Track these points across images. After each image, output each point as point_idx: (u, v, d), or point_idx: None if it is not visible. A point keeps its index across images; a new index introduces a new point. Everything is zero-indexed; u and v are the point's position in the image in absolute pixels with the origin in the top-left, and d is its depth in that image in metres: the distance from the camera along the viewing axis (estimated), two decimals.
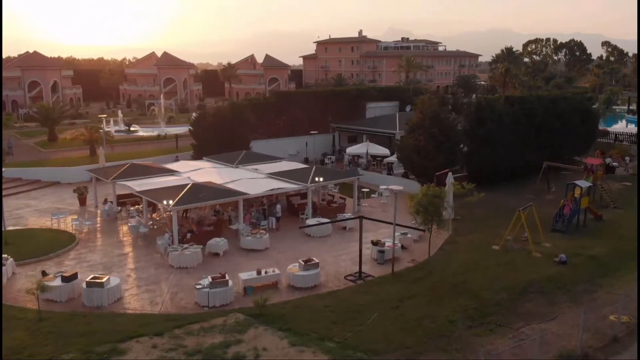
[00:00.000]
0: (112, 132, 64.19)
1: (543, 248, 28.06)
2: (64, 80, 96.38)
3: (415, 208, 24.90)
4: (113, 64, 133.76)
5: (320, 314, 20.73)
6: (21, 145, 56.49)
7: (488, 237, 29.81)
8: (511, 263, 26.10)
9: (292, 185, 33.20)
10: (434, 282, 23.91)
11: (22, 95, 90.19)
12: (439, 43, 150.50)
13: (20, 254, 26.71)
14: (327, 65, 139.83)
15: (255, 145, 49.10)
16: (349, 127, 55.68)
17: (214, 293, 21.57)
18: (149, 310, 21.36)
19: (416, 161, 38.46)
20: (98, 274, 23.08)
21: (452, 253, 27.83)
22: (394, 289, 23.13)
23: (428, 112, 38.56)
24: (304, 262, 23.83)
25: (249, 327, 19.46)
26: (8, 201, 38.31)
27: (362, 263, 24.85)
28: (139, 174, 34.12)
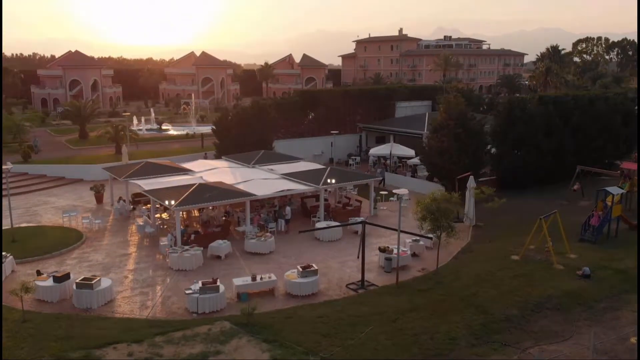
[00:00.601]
0: (143, 130, 65.01)
1: (567, 260, 25.91)
2: (104, 79, 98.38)
3: (422, 214, 23.30)
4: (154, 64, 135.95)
5: (312, 325, 19.50)
6: (54, 143, 57.64)
7: (509, 246, 27.82)
8: (529, 275, 24.13)
9: (303, 186, 32.06)
10: (440, 294, 22.28)
11: (63, 94, 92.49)
12: (483, 41, 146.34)
13: (24, 252, 26.66)
14: (366, 64, 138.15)
15: (279, 145, 48.26)
16: (376, 127, 54.07)
17: (204, 299, 20.67)
18: (137, 314, 20.66)
19: (439, 164, 36.61)
20: (92, 274, 22.57)
21: (466, 263, 26.07)
22: (395, 301, 21.65)
23: (453, 112, 36.65)
24: (302, 269, 22.66)
25: (233, 337, 18.43)
26: (28, 197, 38.85)
27: (365, 271, 23.46)
28: (152, 173, 33.75)
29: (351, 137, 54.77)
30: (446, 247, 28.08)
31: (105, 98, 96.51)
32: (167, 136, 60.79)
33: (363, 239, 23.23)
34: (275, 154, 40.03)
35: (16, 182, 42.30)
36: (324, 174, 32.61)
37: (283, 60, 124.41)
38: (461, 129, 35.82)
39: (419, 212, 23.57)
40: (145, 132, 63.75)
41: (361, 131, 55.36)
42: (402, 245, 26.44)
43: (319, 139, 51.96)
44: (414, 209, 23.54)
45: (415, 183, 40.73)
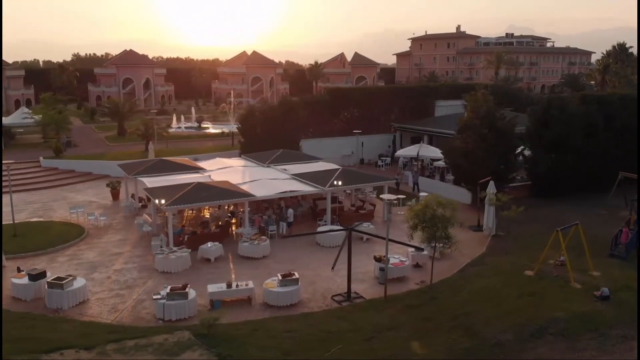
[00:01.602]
0: (182, 128, 65.47)
1: (588, 278, 22.97)
2: (157, 78, 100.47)
3: (413, 222, 21.12)
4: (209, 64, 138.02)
5: (278, 340, 17.94)
6: (94, 139, 58.86)
7: (526, 259, 25.10)
8: (539, 294, 21.48)
9: (310, 187, 30.47)
10: (431, 311, 20.14)
11: (116, 92, 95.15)
12: (547, 39, 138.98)
13: (21, 247, 26.61)
14: (421, 62, 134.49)
15: (306, 145, 46.82)
16: (411, 126, 51.53)
17: (170, 305, 19.54)
18: (104, 318, 19.80)
19: (463, 166, 33.97)
20: (68, 274, 21.84)
21: (471, 276, 23.66)
22: (378, 316, 19.72)
23: (481, 111, 33.92)
24: (282, 277, 21.12)
25: (187, 349, 17.16)
26: (51, 192, 39.38)
27: (357, 282, 21.97)
28: (162, 170, 33.15)
29: (384, 137, 52.59)
30: (454, 259, 25.85)
31: (157, 96, 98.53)
32: (202, 134, 60.76)
33: (349, 248, 21.40)
34: (293, 153, 38.60)
35: (44, 176, 43.27)
36: (334, 175, 30.88)
37: (334, 60, 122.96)
38: (488, 128, 33.06)
39: (410, 220, 21.40)
40: (184, 130, 64.20)
41: (395, 131, 53.01)
42: (401, 255, 24.48)
43: (349, 139, 50.07)
44: (406, 215, 21.47)
45: (444, 187, 38.11)
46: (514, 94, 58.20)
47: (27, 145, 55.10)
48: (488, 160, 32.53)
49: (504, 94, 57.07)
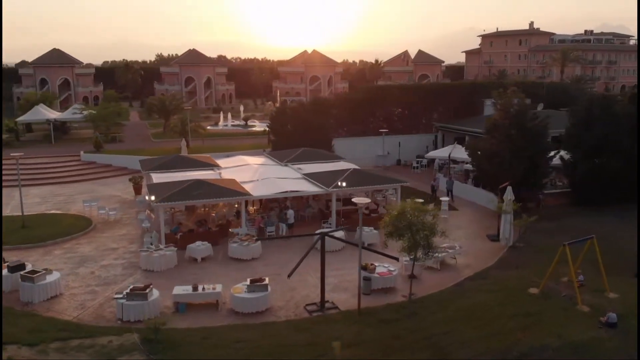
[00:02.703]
0: (228, 125, 65.88)
1: (601, 300, 20.09)
2: (218, 77, 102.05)
3: (388, 229, 19.18)
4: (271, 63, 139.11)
5: (224, 350, 16.79)
6: (142, 135, 60.30)
7: (536, 275, 22.39)
8: (536, 315, 18.96)
9: (315, 188, 29.10)
10: (405, 328, 18.24)
11: (179, 90, 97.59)
12: (630, 36, 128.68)
13: (23, 239, 27.13)
14: (491, 60, 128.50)
15: (338, 144, 45.36)
16: (453, 126, 48.66)
17: (129, 306, 18.89)
18: (67, 314, 19.46)
19: (487, 169, 31.31)
20: (45, 268, 21.73)
21: (466, 291, 21.40)
22: (344, 330, 18.07)
23: (511, 110, 31.11)
24: (250, 282, 19.94)
25: (126, 353, 16.39)
26: (81, 185, 40.38)
27: (340, 291, 20.56)
28: (174, 167, 32.96)
29: (425, 137, 50.07)
30: (456, 270, 23.69)
31: (217, 95, 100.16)
32: (244, 132, 60.70)
33: (323, 254, 19.87)
34: (315, 151, 37.24)
35: (80, 170, 44.57)
36: (342, 176, 29.31)
37: (397, 58, 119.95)
38: (516, 129, 30.21)
39: (386, 227, 19.46)
40: (229, 128, 64.59)
41: (437, 131, 50.35)
42: (393, 264, 22.53)
43: (385, 139, 47.99)
44: (384, 221, 19.61)
45: (476, 193, 35.30)
46: (573, 93, 53.70)
47: (78, 139, 57.21)
48: (515, 163, 29.72)
49: (563, 94, 52.98)
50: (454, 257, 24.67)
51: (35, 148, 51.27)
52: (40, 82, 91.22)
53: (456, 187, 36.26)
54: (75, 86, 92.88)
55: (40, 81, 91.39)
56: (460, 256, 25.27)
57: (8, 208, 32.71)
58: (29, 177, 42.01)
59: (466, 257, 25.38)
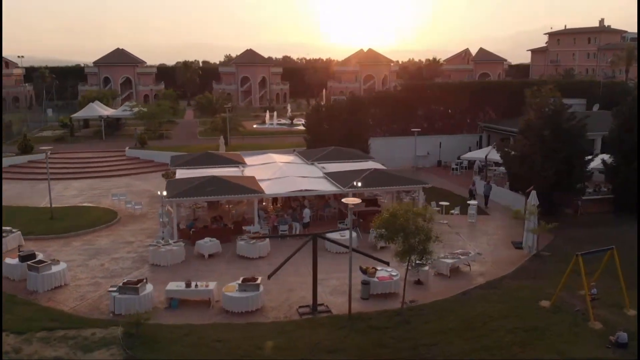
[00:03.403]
0: (274, 124, 66.18)
1: (619, 317, 18.32)
2: (273, 77, 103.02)
3: (378, 232, 18.17)
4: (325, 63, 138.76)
5: (202, 349, 16.53)
6: (190, 133, 61.57)
7: (553, 286, 20.70)
8: (540, 330, 17.50)
9: (332, 187, 28.46)
10: (393, 337, 17.31)
11: (235, 89, 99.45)
12: None
13: (47, 230, 28.16)
14: (558, 59, 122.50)
15: (375, 143, 44.40)
16: (499, 126, 46.42)
17: (121, 299, 19.05)
18: (65, 305, 19.83)
19: (518, 172, 29.51)
20: (53, 259, 22.38)
21: (471, 300, 20.11)
22: (327, 335, 17.39)
23: (545, 110, 29.17)
24: (242, 281, 19.62)
25: (104, 347, 16.46)
26: (120, 180, 41.65)
27: (338, 294, 19.58)
28: (201, 163, 33.21)
29: (468, 137, 48.06)
30: (468, 278, 22.42)
31: (272, 94, 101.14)
32: (287, 130, 60.71)
33: (315, 256, 19.25)
34: (344, 150, 36.51)
35: (123, 165, 46.02)
36: (361, 176, 28.50)
37: (457, 56, 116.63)
38: (550, 130, 28.27)
39: (377, 229, 18.47)
40: (275, 126, 64.89)
41: (482, 131, 48.26)
42: (395, 268, 21.53)
43: (426, 138, 46.51)
44: (375, 222, 18.62)
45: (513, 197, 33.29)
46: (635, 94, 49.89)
47: (129, 135, 59.04)
48: (546, 166, 27.83)
49: (623, 94, 49.51)
50: (468, 263, 23.33)
51: (86, 143, 53.56)
52: (103, 81, 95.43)
53: (494, 191, 34.33)
54: (136, 85, 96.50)
55: (104, 80, 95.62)
56: (478, 263, 23.92)
57: (44, 200, 34.10)
58: (73, 171, 43.93)
59: (483, 264, 23.97)
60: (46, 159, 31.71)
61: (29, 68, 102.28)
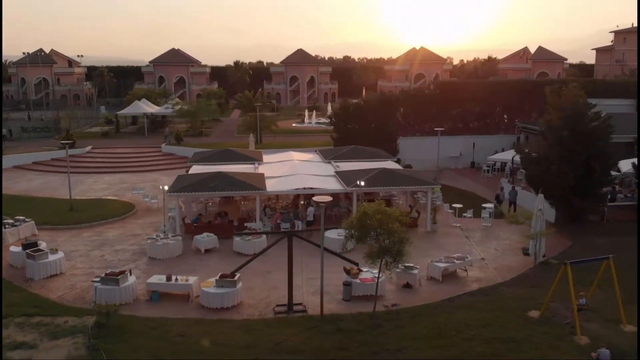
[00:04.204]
0: (312, 123, 66.21)
1: (610, 331, 16.88)
2: (322, 76, 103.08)
3: (347, 232, 17.48)
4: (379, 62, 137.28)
5: (163, 343, 16.56)
6: (229, 131, 62.60)
7: (550, 296, 19.39)
8: (519, 342, 16.38)
9: (337, 186, 27.97)
10: (359, 340, 16.69)
11: (284, 89, 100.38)
12: None
13: (63, 220, 29.24)
14: (624, 58, 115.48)
15: (404, 143, 43.55)
16: (536, 127, 44.08)
17: (102, 290, 19.43)
18: (52, 293, 20.40)
19: (535, 174, 27.92)
20: (54, 247, 23.24)
21: (455, 307, 19.12)
22: (290, 336, 16.99)
23: (566, 109, 27.43)
24: (220, 277, 19.56)
25: (70, 335, 16.80)
26: (150, 174, 42.80)
27: (292, 292, 19.08)
28: (218, 160, 33.59)
29: (505, 138, 46.04)
30: (462, 284, 21.45)
31: (320, 93, 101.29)
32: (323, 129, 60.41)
33: (290, 254, 18.89)
34: (364, 149, 35.82)
35: (158, 160, 47.35)
36: (367, 175, 27.89)
37: (515, 54, 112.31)
38: (568, 131, 26.56)
39: (347, 229, 17.81)
40: (313, 125, 64.94)
41: (520, 132, 46.12)
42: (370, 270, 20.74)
43: (459, 139, 45.14)
44: (347, 222, 17.94)
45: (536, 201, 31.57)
46: None
47: (172, 132, 60.75)
48: (565, 169, 26.17)
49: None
50: (465, 268, 22.25)
51: (128, 139, 55.51)
52: (158, 80, 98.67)
53: (521, 196, 32.34)
54: (189, 84, 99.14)
55: (159, 78, 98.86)
56: (478, 269, 22.80)
57: (73, 192, 35.50)
58: (109, 165, 45.61)
59: (484, 270, 22.82)
60: (66, 155, 33.21)
61: (91, 67, 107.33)
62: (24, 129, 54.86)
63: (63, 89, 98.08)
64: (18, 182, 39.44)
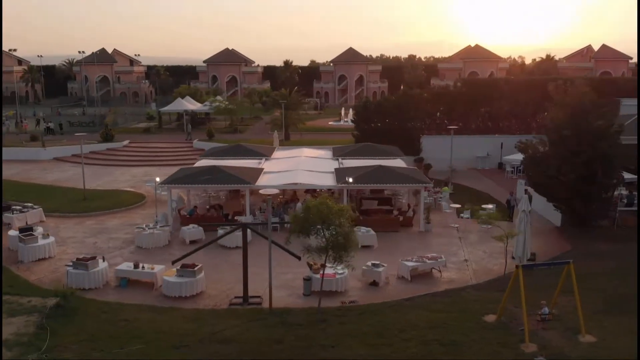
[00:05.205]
0: (348, 121, 65.86)
1: (564, 342, 15.80)
2: (372, 75, 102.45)
3: (295, 227, 17.22)
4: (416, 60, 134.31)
5: (104, 325, 17.02)
6: (265, 128, 63.46)
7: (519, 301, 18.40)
8: (457, 346, 15.64)
9: (329, 182, 27.83)
10: (295, 334, 16.50)
11: (332, 87, 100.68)
12: None
13: (73, 209, 30.77)
14: None
15: (428, 142, 42.64)
16: None
17: (72, 274, 20.32)
18: (33, 275, 21.43)
19: (535, 175, 26.53)
20: (42, 233, 24.41)
21: (412, 307, 18.52)
22: (232, 326, 17.08)
23: (570, 107, 25.89)
24: (181, 267, 19.93)
25: (27, 314, 17.65)
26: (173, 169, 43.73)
27: (247, 284, 19.12)
28: (228, 154, 34.40)
29: (537, 138, 43.81)
30: (432, 284, 20.78)
31: (369, 92, 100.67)
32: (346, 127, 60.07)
33: (245, 246, 18.98)
34: (374, 147, 35.36)
35: (187, 155, 48.64)
36: (362, 172, 27.56)
37: (578, 53, 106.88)
38: (571, 129, 25.06)
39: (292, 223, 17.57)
40: (350, 124, 64.54)
41: None
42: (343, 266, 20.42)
43: (487, 138, 43.61)
44: (292, 215, 17.67)
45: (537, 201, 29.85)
46: None
47: (215, 128, 62.09)
48: (565, 170, 24.71)
49: None
50: (439, 269, 21.51)
51: (167, 135, 57.59)
52: (212, 79, 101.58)
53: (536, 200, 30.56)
54: (241, 83, 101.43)
55: (212, 77, 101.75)
56: (456, 270, 22.05)
57: (95, 182, 37.32)
58: (141, 158, 47.51)
59: (462, 272, 22.00)
60: (81, 146, 34.53)
61: (151, 67, 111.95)
62: (71, 124, 58.06)
63: (122, 87, 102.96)
64: (51, 173, 41.88)
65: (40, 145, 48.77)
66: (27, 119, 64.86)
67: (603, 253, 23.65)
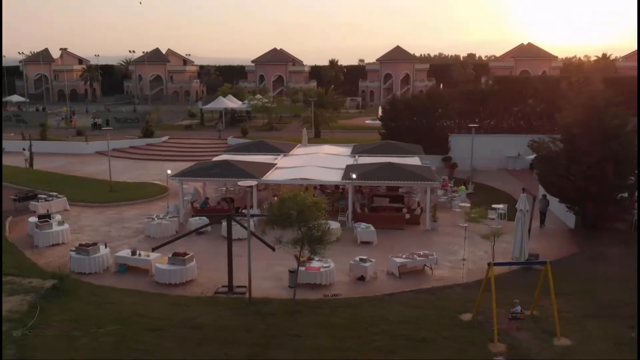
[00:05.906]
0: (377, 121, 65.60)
1: (536, 343, 15.33)
2: (418, 74, 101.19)
3: (268, 219, 17.44)
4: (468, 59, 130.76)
5: (87, 307, 17.88)
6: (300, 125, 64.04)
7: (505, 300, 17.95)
8: (424, 342, 15.48)
9: (334, 179, 27.95)
10: (268, 323, 16.81)
11: (378, 86, 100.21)
12: None
13: (98, 199, 32.27)
14: None
15: (456, 141, 41.96)
16: None
17: (74, 259, 21.45)
18: (43, 259, 22.59)
19: (544, 174, 25.63)
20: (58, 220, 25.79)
21: (388, 302, 18.41)
22: (208, 313, 17.60)
23: (582, 106, 24.87)
24: (172, 255, 20.64)
25: (24, 293, 18.76)
26: None
27: (232, 274, 19.58)
28: (250, 150, 35.05)
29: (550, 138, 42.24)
30: (419, 280, 20.58)
31: (415, 90, 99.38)
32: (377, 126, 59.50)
33: (229, 237, 19.45)
34: (394, 144, 35.12)
35: (220, 151, 49.74)
36: (370, 169, 27.57)
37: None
38: (582, 129, 24.07)
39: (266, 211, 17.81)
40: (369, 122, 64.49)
41: None
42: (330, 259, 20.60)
43: (518, 138, 42.23)
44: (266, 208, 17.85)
45: None
46: None
47: (254, 126, 63.31)
48: (574, 170, 23.80)
49: None
50: (430, 266, 21.24)
51: (207, 131, 59.25)
52: (259, 78, 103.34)
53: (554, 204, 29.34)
54: (287, 82, 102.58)
55: (260, 77, 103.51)
56: (449, 269, 21.74)
57: (126, 175, 38.95)
58: (177, 154, 49.09)
59: (456, 270, 21.61)
60: (107, 142, 36.10)
61: (203, 66, 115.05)
62: (117, 120, 60.73)
63: (175, 86, 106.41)
64: (89, 165, 44.01)
65: (84, 140, 51.36)
66: (77, 115, 68.34)
67: (609, 257, 22.61)
